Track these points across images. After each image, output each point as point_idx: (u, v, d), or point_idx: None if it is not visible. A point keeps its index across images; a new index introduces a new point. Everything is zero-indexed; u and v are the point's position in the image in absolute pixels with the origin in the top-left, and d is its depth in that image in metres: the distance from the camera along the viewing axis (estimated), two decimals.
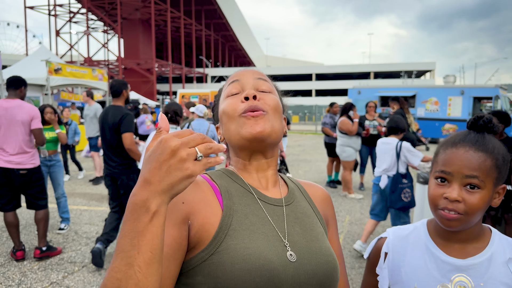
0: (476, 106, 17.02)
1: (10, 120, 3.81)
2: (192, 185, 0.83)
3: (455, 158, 0.94)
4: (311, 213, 0.94)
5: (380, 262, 1.07)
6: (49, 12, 45.03)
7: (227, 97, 0.93)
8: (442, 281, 0.97)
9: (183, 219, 0.77)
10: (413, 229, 1.08)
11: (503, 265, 0.96)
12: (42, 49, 14.36)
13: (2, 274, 3.65)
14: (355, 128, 6.66)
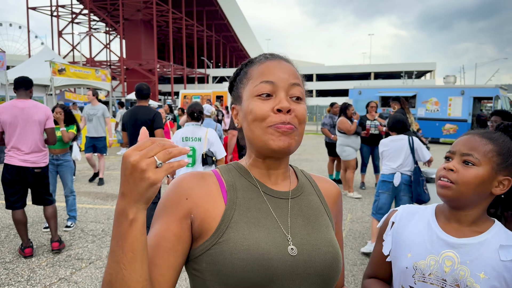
0: (476, 106, 17.08)
1: (26, 120, 3.93)
2: (198, 180, 0.87)
3: (459, 141, 1.11)
4: (318, 205, 0.96)
5: (387, 229, 1.21)
6: (52, 13, 45.19)
7: (256, 96, 0.88)
8: (432, 252, 1.08)
9: (185, 213, 0.83)
10: (423, 208, 1.20)
11: (495, 251, 1.03)
12: (45, 50, 14.46)
13: (11, 271, 3.74)
14: (353, 127, 6.75)
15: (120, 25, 41.99)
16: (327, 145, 8.03)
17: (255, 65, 0.93)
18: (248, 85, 0.91)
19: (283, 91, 0.88)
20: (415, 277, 1.09)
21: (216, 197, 0.87)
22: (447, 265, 1.06)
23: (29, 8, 44.09)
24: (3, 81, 10.52)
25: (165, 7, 43.21)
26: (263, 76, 0.89)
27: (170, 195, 0.86)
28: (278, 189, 0.94)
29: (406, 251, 1.13)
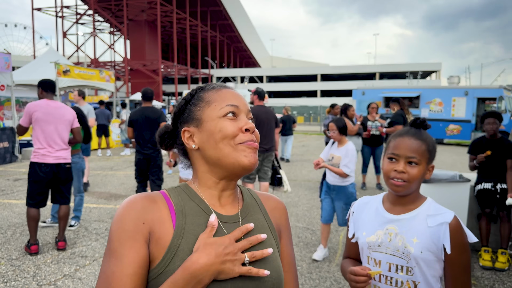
0: (480, 107, 17.07)
1: (59, 119, 4.23)
2: (150, 203, 0.88)
3: (402, 144, 1.38)
4: (263, 225, 0.98)
5: (350, 217, 1.56)
6: (56, 14, 45.52)
7: (223, 117, 0.92)
8: (379, 228, 1.42)
9: (146, 238, 0.84)
10: (373, 198, 1.54)
11: (424, 220, 1.36)
12: (50, 51, 14.62)
13: (18, 267, 3.85)
14: (356, 128, 6.81)
15: (125, 25, 42.21)
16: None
17: (211, 91, 0.98)
18: (210, 107, 0.94)
19: (244, 115, 0.95)
20: (370, 249, 1.43)
21: (166, 222, 0.87)
22: (390, 236, 1.39)
23: (34, 9, 44.42)
24: (9, 82, 10.67)
25: (169, 8, 43.40)
26: (227, 100, 0.95)
27: (127, 220, 0.84)
28: (227, 213, 0.95)
29: (362, 231, 1.47)
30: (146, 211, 0.86)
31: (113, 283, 0.80)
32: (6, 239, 4.66)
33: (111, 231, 0.85)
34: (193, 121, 0.96)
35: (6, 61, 10.31)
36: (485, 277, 3.81)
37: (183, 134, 0.97)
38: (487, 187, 4.23)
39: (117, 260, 0.81)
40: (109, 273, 0.81)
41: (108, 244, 0.85)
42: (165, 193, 0.94)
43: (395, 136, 1.43)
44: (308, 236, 4.89)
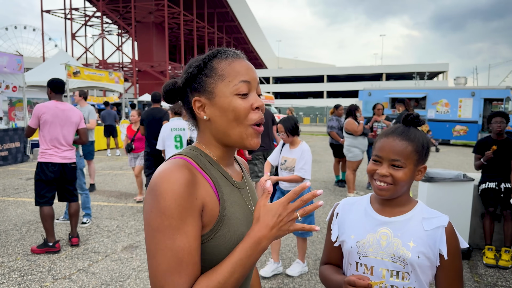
0: (487, 107, 17.02)
1: (65, 121, 4.35)
2: (193, 176, 0.91)
3: (385, 146, 1.29)
4: (252, 184, 1.17)
5: (333, 219, 1.44)
6: (65, 16, 45.98)
7: (237, 95, 0.96)
8: (370, 231, 1.32)
9: (200, 211, 0.91)
10: (360, 199, 1.44)
11: (419, 223, 1.29)
12: (61, 53, 14.85)
13: (33, 262, 3.99)
14: (360, 128, 6.89)
15: (132, 27, 42.55)
16: (332, 147, 8.16)
17: (223, 61, 0.99)
18: (224, 82, 0.97)
19: (254, 89, 1.01)
20: (359, 254, 1.32)
21: (212, 195, 0.94)
22: (383, 239, 1.29)
23: (43, 11, 44.92)
24: (21, 84, 10.88)
25: (177, 9, 43.67)
26: (240, 75, 0.97)
27: (183, 194, 0.87)
28: (238, 179, 1.08)
29: (350, 233, 1.35)
30: (196, 186, 0.90)
31: (185, 258, 0.85)
32: (21, 235, 4.81)
33: (167, 208, 0.85)
34: (206, 93, 0.98)
35: (18, 63, 10.51)
36: (488, 274, 3.88)
37: (194, 103, 1.00)
38: (491, 186, 4.30)
39: (183, 236, 0.85)
40: (178, 250, 0.85)
41: (166, 220, 0.85)
42: (193, 162, 0.96)
43: (381, 135, 1.35)
44: (314, 234, 4.98)
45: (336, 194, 7.28)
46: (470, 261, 4.20)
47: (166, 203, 0.85)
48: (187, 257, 0.85)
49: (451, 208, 4.14)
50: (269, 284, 3.57)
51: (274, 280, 3.66)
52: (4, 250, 4.33)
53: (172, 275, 0.84)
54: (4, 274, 3.71)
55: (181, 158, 0.96)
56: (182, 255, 0.85)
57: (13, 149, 10.58)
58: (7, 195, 7.03)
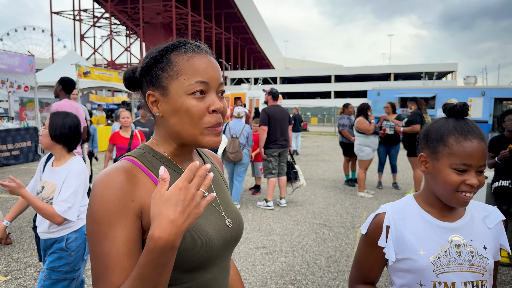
0: (497, 107, 16.87)
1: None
2: (132, 178, 0.86)
3: (474, 152, 1.09)
4: (220, 177, 1.11)
5: (383, 235, 1.18)
6: (74, 17, 46.39)
7: (191, 94, 0.89)
8: (442, 243, 1.14)
9: (137, 214, 0.84)
10: (404, 204, 1.23)
11: (481, 222, 1.20)
12: (71, 53, 15.02)
13: None
14: (372, 127, 6.89)
15: (140, 28, 42.82)
16: (342, 145, 8.16)
17: (182, 56, 0.91)
18: (179, 79, 0.89)
19: (214, 90, 0.92)
20: (437, 271, 1.12)
21: None
22: (457, 249, 1.13)
23: (52, 13, 45.35)
24: (33, 84, 11.01)
25: (184, 10, 43.87)
26: (197, 75, 0.89)
27: (114, 200, 0.82)
28: None
29: (416, 250, 1.13)
30: (132, 188, 0.85)
31: (111, 265, 0.79)
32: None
33: (95, 213, 0.82)
34: (159, 88, 0.92)
35: (29, 63, 10.65)
36: (502, 273, 3.85)
37: (147, 97, 0.94)
38: (504, 185, 4.27)
39: (111, 242, 0.80)
40: (104, 257, 0.80)
41: (96, 227, 0.81)
42: (137, 162, 0.91)
43: (455, 135, 1.13)
44: (325, 232, 4.99)
45: (346, 193, 7.27)
46: None
47: (95, 209, 0.82)
48: (112, 263, 0.79)
49: None
50: (282, 281, 3.58)
51: (286, 277, 3.67)
52: (20, 246, 4.39)
53: (98, 282, 0.80)
54: (21, 269, 3.77)
55: (125, 159, 0.92)
56: (108, 261, 0.79)
57: (24, 148, 10.71)
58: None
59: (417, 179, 6.87)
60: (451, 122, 1.16)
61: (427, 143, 1.20)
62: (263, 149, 6.06)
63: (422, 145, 1.23)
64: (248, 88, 22.76)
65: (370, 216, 1.25)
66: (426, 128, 1.24)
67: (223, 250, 0.98)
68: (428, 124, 1.24)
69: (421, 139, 1.24)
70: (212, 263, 0.94)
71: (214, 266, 0.96)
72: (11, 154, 10.28)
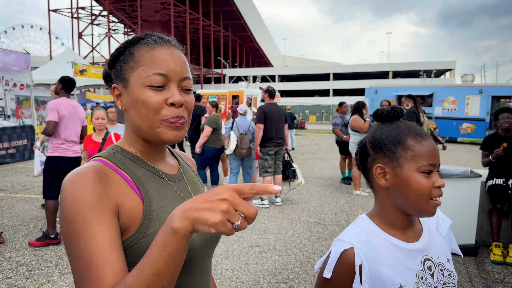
0: (494, 105, 16.89)
1: (76, 117, 4.58)
2: (103, 176, 0.81)
3: (435, 151, 1.01)
4: (196, 177, 1.09)
5: (357, 277, 0.98)
6: (72, 15, 46.27)
7: (148, 86, 0.85)
8: (417, 268, 1.02)
9: (114, 211, 0.79)
10: (367, 231, 1.05)
11: (437, 233, 1.12)
12: (68, 51, 14.95)
13: (41, 257, 4.03)
14: (366, 125, 6.88)
15: (139, 26, 42.73)
16: (338, 144, 8.16)
17: (143, 48, 0.88)
18: (137, 70, 0.87)
19: (175, 84, 0.87)
20: None
21: (130, 193, 0.84)
22: (430, 272, 1.03)
23: (50, 11, 45.22)
24: (28, 82, 10.96)
25: (183, 8, 43.77)
26: (156, 66, 0.86)
27: (88, 197, 0.76)
28: (172, 172, 0.98)
29: (396, 285, 0.99)
30: (105, 186, 0.80)
31: (93, 261, 0.72)
32: (29, 231, 4.86)
33: (68, 213, 0.76)
34: (122, 80, 0.90)
35: (25, 61, 10.60)
36: (495, 271, 3.85)
37: (112, 90, 0.92)
38: (498, 183, 4.26)
39: (89, 239, 0.73)
40: (84, 254, 0.73)
41: (70, 227, 0.75)
42: (107, 162, 0.87)
43: (413, 137, 1.03)
44: (320, 230, 4.98)
45: (342, 192, 7.26)
46: (477, 258, 4.17)
47: (67, 208, 0.76)
48: (94, 259, 0.72)
49: (458, 205, 4.12)
50: (275, 280, 3.58)
51: (279, 276, 3.66)
52: (12, 245, 4.37)
53: (83, 283, 0.72)
54: (12, 268, 3.75)
55: (93, 160, 0.88)
56: (89, 259, 0.72)
57: (20, 146, 10.68)
58: (15, 191, 7.09)
59: None
60: (398, 124, 1.06)
61: (381, 151, 1.04)
62: (258, 147, 6.05)
63: (373, 156, 1.07)
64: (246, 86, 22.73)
65: (332, 254, 1.00)
66: (369, 138, 1.10)
67: (204, 251, 0.94)
68: (365, 135, 1.12)
69: (368, 150, 1.09)
70: (193, 265, 0.91)
71: (195, 268, 0.92)
72: (7, 153, 10.26)
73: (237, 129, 6.41)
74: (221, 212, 0.62)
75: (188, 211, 0.64)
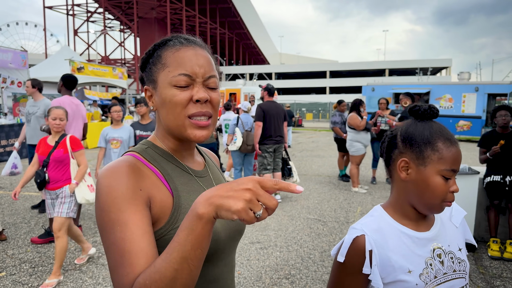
0: (490, 103, 16.99)
1: (78, 116, 4.64)
2: (137, 170, 0.87)
3: (459, 158, 1.06)
4: (220, 175, 1.14)
5: (367, 262, 1.05)
6: (67, 12, 46.01)
7: (174, 86, 0.91)
8: (426, 255, 1.08)
9: (146, 202, 0.84)
10: (379, 220, 1.12)
11: (449, 223, 1.18)
12: (65, 48, 14.91)
13: (44, 254, 4.05)
14: (363, 123, 6.93)
15: (135, 23, 42.55)
16: (336, 141, 8.22)
17: (169, 50, 0.94)
18: (164, 71, 0.92)
19: (200, 82, 0.92)
20: (428, 286, 1.06)
21: (161, 187, 0.90)
22: (439, 259, 1.08)
23: (45, 7, 44.94)
24: (26, 79, 10.93)
25: (179, 5, 43.64)
26: (180, 67, 0.91)
27: (123, 188, 0.82)
28: (199, 169, 1.04)
29: (404, 270, 1.06)
30: (138, 179, 0.86)
31: (126, 247, 0.77)
32: (30, 228, 4.87)
33: (104, 203, 0.81)
34: (152, 82, 0.96)
35: (23, 59, 10.57)
36: (493, 266, 3.91)
37: (145, 92, 0.99)
38: (496, 179, 4.32)
39: (123, 227, 0.78)
40: (119, 242, 0.77)
41: (105, 216, 0.80)
42: (140, 157, 0.93)
43: (444, 141, 1.07)
44: (319, 227, 5.03)
45: (340, 189, 7.32)
46: (475, 254, 4.23)
47: (103, 199, 0.82)
48: (128, 246, 0.77)
49: (456, 201, 4.12)
50: (277, 275, 3.62)
51: (281, 271, 3.71)
52: (14, 242, 4.39)
53: (117, 269, 0.77)
54: (16, 265, 3.77)
55: (127, 154, 0.94)
56: (123, 246, 0.77)
57: None
58: (14, 189, 7.09)
59: None
60: (432, 125, 1.10)
61: (410, 147, 1.09)
62: (257, 144, 6.08)
63: (401, 150, 1.11)
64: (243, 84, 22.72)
65: (345, 240, 1.10)
66: (404, 130, 1.13)
67: (229, 243, 0.99)
68: (401, 127, 1.15)
69: (398, 143, 1.13)
70: (218, 256, 0.95)
71: (221, 260, 0.97)
72: (4, 150, 10.23)
73: (242, 125, 6.55)
74: (245, 200, 0.65)
75: (212, 197, 0.67)
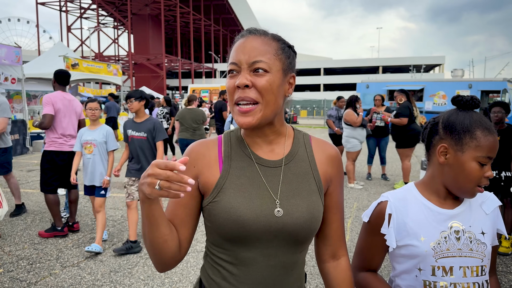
0: (484, 99, 17.12)
1: (71, 111, 4.54)
2: (204, 150, 1.08)
3: (496, 146, 1.16)
4: (307, 171, 1.07)
5: (385, 223, 1.22)
6: (60, 8, 45.61)
7: (228, 74, 1.04)
8: (442, 229, 1.18)
9: (194, 177, 1.05)
10: (406, 192, 1.26)
11: (479, 208, 1.24)
12: (59, 45, 14.77)
13: (41, 251, 4.03)
14: (359, 120, 6.96)
15: (128, 19, 42.29)
16: (331, 137, 8.26)
17: (233, 44, 1.07)
18: (227, 62, 1.05)
19: (245, 69, 0.99)
20: (436, 256, 1.17)
21: (214, 167, 1.06)
22: (456, 235, 1.17)
23: (38, 3, 44.51)
24: (20, 76, 10.84)
25: (173, 2, 43.41)
26: (233, 56, 1.02)
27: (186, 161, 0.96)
28: (271, 158, 1.07)
29: (417, 236, 1.18)
30: (198, 157, 1.07)
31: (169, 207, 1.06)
32: (27, 225, 4.85)
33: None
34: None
35: (16, 55, 10.47)
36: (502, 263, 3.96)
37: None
38: None
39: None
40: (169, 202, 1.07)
41: None
42: (220, 139, 1.12)
43: (483, 130, 1.16)
44: None
45: None
46: None
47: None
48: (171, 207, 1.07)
49: None
50: None
51: None
52: (11, 239, 4.37)
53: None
54: (13, 262, 3.76)
55: (220, 136, 1.14)
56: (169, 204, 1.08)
57: (12, 141, 10.56)
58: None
59: (406, 170, 6.98)
60: (472, 115, 1.19)
61: (451, 134, 1.19)
62: None
63: (442, 136, 1.21)
64: None
65: (372, 204, 1.29)
66: (445, 118, 1.22)
67: (265, 235, 1.00)
68: (443, 115, 1.24)
69: (439, 130, 1.23)
70: (249, 242, 1.00)
71: (254, 247, 1.01)
72: None
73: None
74: (146, 183, 0.84)
75: (139, 185, 0.88)
